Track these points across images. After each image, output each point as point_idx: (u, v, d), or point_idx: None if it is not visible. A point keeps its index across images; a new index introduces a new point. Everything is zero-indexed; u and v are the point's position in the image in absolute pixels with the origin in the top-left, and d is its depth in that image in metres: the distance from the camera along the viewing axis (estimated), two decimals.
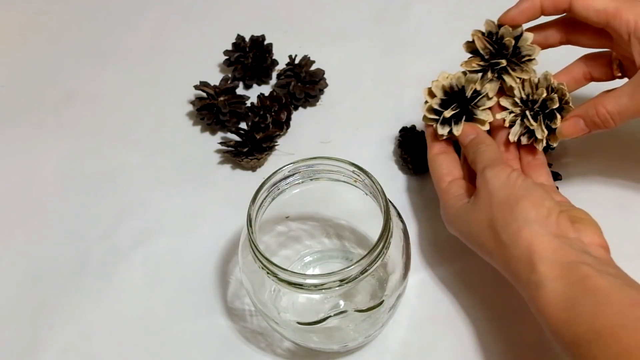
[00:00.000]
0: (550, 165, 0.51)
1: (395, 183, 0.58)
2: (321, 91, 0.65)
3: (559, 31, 0.51)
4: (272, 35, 0.67)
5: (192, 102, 0.63)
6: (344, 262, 0.52)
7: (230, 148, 0.59)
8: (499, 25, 0.50)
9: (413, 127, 0.59)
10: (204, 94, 0.63)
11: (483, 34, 0.51)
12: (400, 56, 0.68)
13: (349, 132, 0.62)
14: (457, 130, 0.50)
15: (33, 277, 0.55)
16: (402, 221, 0.46)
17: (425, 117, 0.51)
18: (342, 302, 0.48)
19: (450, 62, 0.67)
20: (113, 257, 0.55)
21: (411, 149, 0.57)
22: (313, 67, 0.65)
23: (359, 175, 0.44)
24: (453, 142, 0.52)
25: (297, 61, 0.65)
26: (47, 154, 0.63)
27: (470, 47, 0.51)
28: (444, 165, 0.50)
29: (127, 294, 0.53)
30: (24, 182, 0.61)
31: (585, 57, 0.52)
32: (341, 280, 0.40)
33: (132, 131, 0.64)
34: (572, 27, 0.51)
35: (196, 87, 0.63)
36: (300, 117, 0.64)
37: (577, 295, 0.38)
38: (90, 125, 0.65)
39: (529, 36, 0.50)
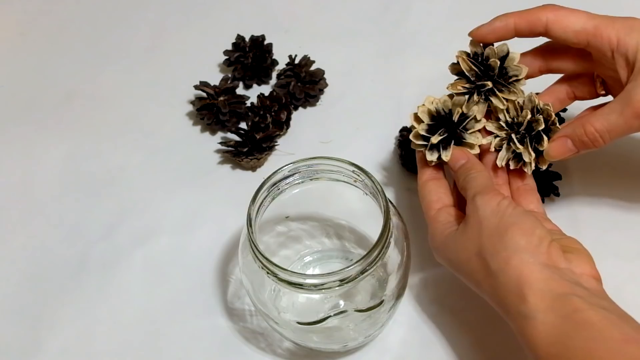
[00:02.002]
0: (550, 165, 0.50)
1: (395, 183, 0.58)
2: (321, 91, 0.65)
3: (536, 60, 0.50)
4: (272, 35, 0.67)
5: (192, 102, 0.63)
6: (344, 262, 0.52)
7: (230, 148, 0.59)
8: (484, 46, 0.48)
9: (413, 127, 0.59)
10: (204, 94, 0.63)
11: (468, 55, 0.49)
12: (400, 56, 0.68)
13: (349, 132, 0.62)
14: (446, 156, 0.48)
15: (33, 277, 0.55)
16: (402, 221, 0.46)
17: (413, 143, 0.49)
18: (342, 302, 0.48)
19: (450, 62, 0.67)
20: (113, 257, 0.55)
21: (411, 149, 0.57)
22: (313, 67, 0.65)
23: (359, 175, 0.44)
24: (443, 167, 0.50)
25: (297, 61, 0.65)
26: (47, 154, 0.63)
27: (456, 69, 0.49)
28: (433, 192, 0.48)
29: (127, 294, 0.53)
30: (24, 182, 0.61)
31: (568, 77, 0.51)
32: (341, 280, 0.40)
33: (132, 131, 0.64)
34: (550, 54, 0.49)
35: (196, 87, 0.63)
36: (300, 117, 0.64)
37: (568, 330, 0.37)
38: (90, 125, 0.65)
39: (516, 56, 0.47)
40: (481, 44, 0.48)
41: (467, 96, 0.49)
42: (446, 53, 0.67)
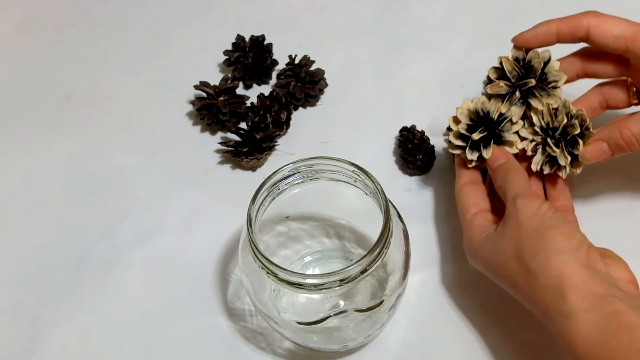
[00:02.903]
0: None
1: (395, 183, 0.58)
2: (321, 91, 0.65)
3: (574, 64, 0.51)
4: (272, 35, 0.67)
5: (192, 102, 0.63)
6: (344, 262, 0.52)
7: (230, 148, 0.59)
8: (526, 51, 0.50)
9: (413, 127, 0.59)
10: (204, 94, 0.63)
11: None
12: (400, 56, 0.68)
13: (349, 132, 0.62)
14: (487, 154, 0.49)
15: (33, 277, 0.55)
16: (402, 221, 0.46)
17: (451, 145, 0.50)
18: (342, 302, 0.48)
19: (450, 62, 0.67)
20: (113, 257, 0.55)
21: (411, 149, 0.57)
22: (313, 67, 0.65)
23: (359, 175, 0.44)
24: (481, 171, 0.51)
25: (297, 61, 0.65)
26: (47, 154, 0.63)
27: (497, 72, 0.51)
28: (471, 196, 0.49)
29: (127, 294, 0.53)
30: (24, 182, 0.61)
31: (601, 85, 0.52)
32: (341, 280, 0.40)
33: (132, 131, 0.64)
34: (588, 58, 0.51)
35: (196, 87, 0.63)
36: (300, 117, 0.64)
37: (612, 330, 0.38)
38: (90, 125, 0.65)
39: (556, 64, 0.49)
40: (523, 50, 0.50)
41: (507, 96, 0.50)
42: (446, 53, 0.67)
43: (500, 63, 0.50)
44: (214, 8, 0.74)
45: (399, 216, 0.46)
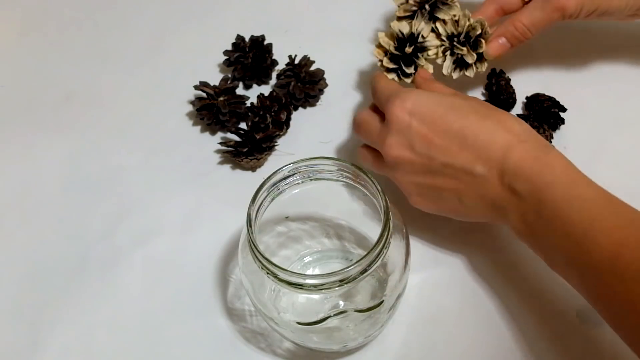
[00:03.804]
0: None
1: (394, 183, 0.58)
2: (321, 91, 0.65)
3: (491, 4, 0.58)
4: (272, 35, 0.67)
5: (192, 102, 0.63)
6: (343, 262, 0.52)
7: (230, 148, 0.59)
8: None
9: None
10: (204, 94, 0.63)
11: None
12: None
13: (349, 132, 0.62)
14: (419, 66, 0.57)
15: (33, 277, 0.55)
16: (402, 221, 0.46)
17: (386, 70, 0.57)
18: (342, 302, 0.48)
19: None
20: (113, 257, 0.55)
21: None
22: (313, 67, 0.65)
23: (358, 176, 0.44)
24: None
25: (297, 61, 0.65)
26: (47, 154, 0.63)
27: None
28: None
29: (127, 294, 0.53)
30: (24, 182, 0.61)
31: None
32: (341, 281, 0.40)
33: (132, 131, 0.64)
34: None
35: (196, 87, 0.63)
36: (300, 117, 0.64)
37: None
38: (90, 125, 0.65)
39: None
40: None
41: (416, 13, 0.57)
42: None
43: None
44: (214, 8, 0.74)
45: (399, 216, 0.46)
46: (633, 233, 0.39)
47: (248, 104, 0.63)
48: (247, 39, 0.67)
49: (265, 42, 0.67)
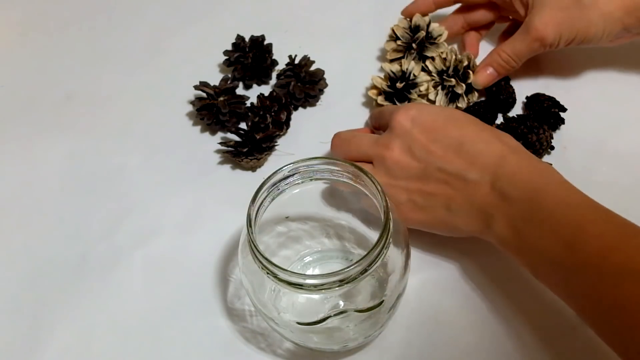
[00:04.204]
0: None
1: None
2: (321, 91, 0.65)
3: (458, 20, 0.66)
4: (272, 35, 0.67)
5: (192, 102, 0.63)
6: (344, 262, 0.52)
7: (230, 148, 0.59)
8: (411, 20, 0.63)
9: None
10: (204, 94, 0.63)
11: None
12: None
13: None
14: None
15: (33, 277, 0.55)
16: (402, 221, 0.46)
17: (379, 106, 0.60)
18: (342, 302, 0.48)
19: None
20: (113, 257, 0.55)
21: None
22: (313, 67, 0.65)
23: (358, 176, 0.44)
24: None
25: (297, 61, 0.65)
26: (47, 154, 0.63)
27: (392, 38, 0.64)
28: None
29: (127, 294, 0.53)
30: (24, 182, 0.61)
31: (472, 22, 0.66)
32: (341, 281, 0.40)
33: (132, 131, 0.64)
34: (467, 12, 0.65)
35: (196, 87, 0.63)
36: (300, 117, 0.64)
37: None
38: (90, 125, 0.65)
39: (436, 24, 0.63)
40: (408, 19, 0.64)
41: (405, 52, 0.63)
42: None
43: (393, 31, 0.64)
44: (214, 8, 0.74)
45: (399, 216, 0.46)
46: (622, 237, 0.39)
47: (248, 104, 0.63)
48: (247, 39, 0.67)
49: (265, 42, 0.67)
